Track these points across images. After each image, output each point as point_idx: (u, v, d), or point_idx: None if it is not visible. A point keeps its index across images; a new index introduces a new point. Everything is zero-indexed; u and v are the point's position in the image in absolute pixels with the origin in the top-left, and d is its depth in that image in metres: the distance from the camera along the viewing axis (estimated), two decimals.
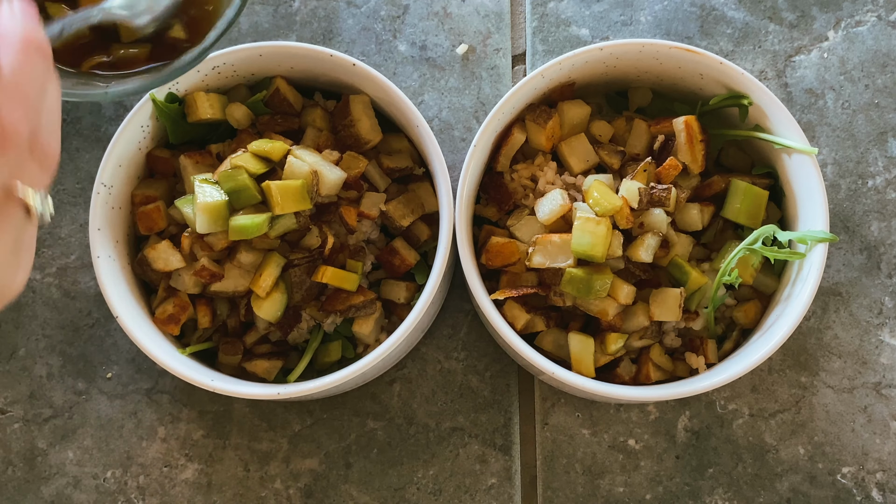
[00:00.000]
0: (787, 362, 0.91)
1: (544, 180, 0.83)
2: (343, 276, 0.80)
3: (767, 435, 0.90)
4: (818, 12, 0.96)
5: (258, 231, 0.76)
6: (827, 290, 0.92)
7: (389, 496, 0.90)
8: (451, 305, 0.93)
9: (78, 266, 0.93)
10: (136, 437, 0.91)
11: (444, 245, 0.79)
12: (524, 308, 0.81)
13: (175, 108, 0.83)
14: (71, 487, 0.91)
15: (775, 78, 0.95)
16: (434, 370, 0.92)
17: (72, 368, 0.92)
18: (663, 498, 0.90)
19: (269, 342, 0.85)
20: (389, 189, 0.85)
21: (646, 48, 0.81)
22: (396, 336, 0.78)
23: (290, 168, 0.77)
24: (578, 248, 0.76)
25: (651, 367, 0.82)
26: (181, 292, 0.82)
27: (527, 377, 0.92)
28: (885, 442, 0.90)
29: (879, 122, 0.94)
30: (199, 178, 0.77)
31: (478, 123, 0.94)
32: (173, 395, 0.92)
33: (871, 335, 0.91)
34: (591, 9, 0.96)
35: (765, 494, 0.90)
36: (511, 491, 0.90)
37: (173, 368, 0.78)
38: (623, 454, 0.90)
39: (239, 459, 0.91)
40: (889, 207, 0.93)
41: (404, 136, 0.87)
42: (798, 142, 0.80)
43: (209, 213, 0.76)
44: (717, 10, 0.96)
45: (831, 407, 0.91)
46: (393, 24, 0.96)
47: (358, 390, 0.91)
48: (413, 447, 0.91)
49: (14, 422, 0.91)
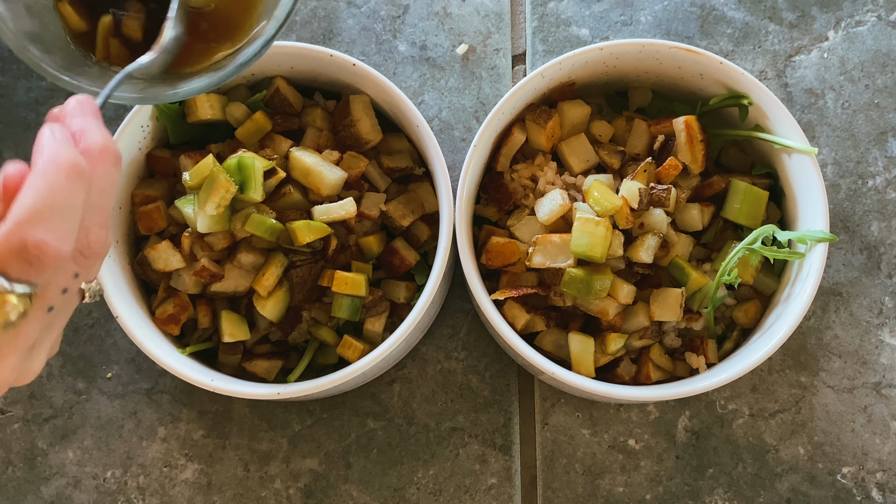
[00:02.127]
0: (787, 362, 0.91)
1: (544, 180, 0.83)
2: (352, 281, 0.80)
3: (767, 435, 0.90)
4: (818, 12, 0.96)
5: (272, 226, 0.77)
6: (827, 290, 0.92)
7: (389, 496, 0.90)
8: (451, 305, 0.93)
9: None
10: (136, 437, 0.91)
11: (444, 245, 0.79)
12: (524, 308, 0.81)
13: (175, 108, 0.83)
14: (71, 487, 0.91)
15: (775, 78, 0.95)
16: (434, 370, 0.92)
17: (72, 368, 0.92)
18: (663, 498, 0.90)
19: (270, 342, 0.85)
20: (389, 189, 0.85)
21: (646, 48, 0.81)
22: (396, 336, 0.78)
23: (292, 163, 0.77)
24: (578, 248, 0.76)
25: (651, 367, 0.82)
26: (181, 292, 0.82)
27: (527, 377, 0.92)
28: (885, 442, 0.90)
29: (879, 122, 0.94)
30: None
31: (478, 123, 0.94)
32: (173, 395, 0.92)
33: (871, 335, 0.91)
34: (591, 9, 0.96)
35: (765, 494, 0.90)
36: (511, 491, 0.90)
37: (173, 368, 0.78)
38: (623, 454, 0.90)
39: (239, 459, 0.91)
40: (889, 207, 0.93)
41: (404, 136, 0.87)
42: (798, 142, 0.80)
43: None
44: (717, 10, 0.96)
45: (831, 407, 0.91)
46: (393, 24, 0.96)
47: (358, 390, 0.91)
48: (413, 447, 0.91)
49: (14, 422, 0.91)
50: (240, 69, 0.68)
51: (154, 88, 0.69)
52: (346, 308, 0.81)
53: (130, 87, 0.69)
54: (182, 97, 0.69)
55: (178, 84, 0.69)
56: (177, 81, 0.70)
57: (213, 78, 0.68)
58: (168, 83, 0.71)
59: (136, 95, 0.68)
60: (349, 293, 0.80)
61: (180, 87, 0.68)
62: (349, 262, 0.82)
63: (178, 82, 0.70)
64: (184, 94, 0.68)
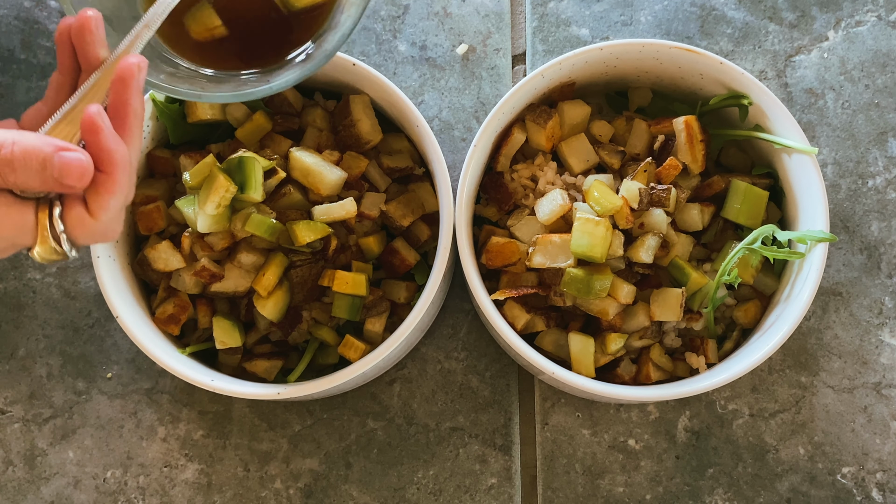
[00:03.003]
0: (787, 362, 0.91)
1: (544, 180, 0.83)
2: (352, 281, 0.80)
3: (767, 435, 0.90)
4: (818, 12, 0.96)
5: (272, 226, 0.77)
6: (827, 290, 0.92)
7: (389, 496, 0.90)
8: (451, 305, 0.93)
9: (78, 266, 0.93)
10: (136, 437, 0.91)
11: (444, 245, 0.79)
12: (524, 308, 0.81)
13: (175, 108, 0.83)
14: (71, 487, 0.91)
15: (775, 78, 0.95)
16: (434, 370, 0.92)
17: (72, 368, 0.92)
18: (663, 498, 0.90)
19: (270, 342, 0.85)
20: (389, 189, 0.85)
21: (646, 48, 0.81)
22: (396, 336, 0.78)
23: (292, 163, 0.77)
24: (578, 248, 0.76)
25: (651, 367, 0.82)
26: (181, 292, 0.83)
27: (527, 377, 0.92)
28: (885, 442, 0.90)
29: (879, 122, 0.94)
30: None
31: (478, 123, 0.94)
32: (173, 395, 0.92)
33: (871, 335, 0.91)
34: (591, 9, 0.96)
35: (765, 494, 0.90)
36: (511, 491, 0.90)
37: (173, 368, 0.78)
38: (623, 454, 0.90)
39: (239, 459, 0.91)
40: (889, 207, 0.93)
41: (404, 136, 0.87)
42: (798, 142, 0.80)
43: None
44: (717, 10, 0.96)
45: (831, 407, 0.91)
46: (393, 24, 0.96)
47: (358, 390, 0.91)
48: (413, 447, 0.91)
49: (14, 422, 0.91)
50: (327, 58, 0.70)
51: (249, 85, 0.71)
52: (347, 308, 0.81)
53: (226, 83, 0.71)
54: (275, 91, 0.70)
55: (268, 79, 0.71)
56: (265, 77, 0.72)
57: (304, 69, 0.70)
58: (261, 76, 0.72)
59: (229, 94, 0.70)
60: (350, 293, 0.80)
61: (274, 81, 0.70)
62: (349, 262, 0.82)
63: (266, 77, 0.72)
64: (278, 88, 0.70)
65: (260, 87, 0.70)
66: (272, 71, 0.73)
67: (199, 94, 0.69)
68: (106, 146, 0.59)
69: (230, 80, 0.73)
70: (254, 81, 0.72)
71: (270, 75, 0.72)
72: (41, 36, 0.96)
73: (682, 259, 0.81)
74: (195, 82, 0.71)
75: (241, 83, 0.72)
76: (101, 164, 0.59)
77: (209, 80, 0.73)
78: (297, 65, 0.72)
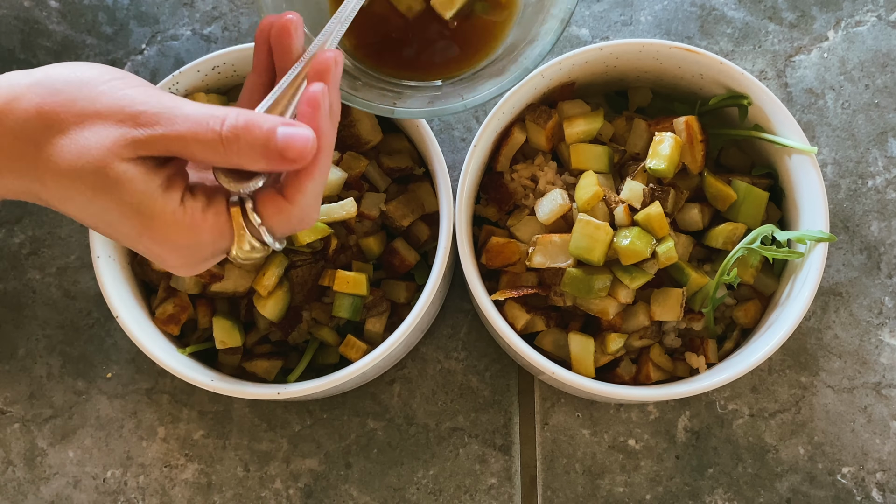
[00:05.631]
0: (787, 362, 0.91)
1: (544, 180, 0.83)
2: (353, 281, 0.80)
3: (767, 435, 0.90)
4: (818, 12, 0.96)
5: None
6: (827, 290, 0.92)
7: (389, 496, 0.90)
8: (451, 305, 0.93)
9: (78, 266, 0.93)
10: (136, 437, 0.91)
11: (444, 245, 0.79)
12: (524, 308, 0.81)
13: None
14: (71, 487, 0.91)
15: (775, 78, 0.95)
16: (434, 370, 0.92)
17: (72, 368, 0.92)
18: (663, 498, 0.90)
19: (270, 342, 0.85)
20: (389, 189, 0.85)
21: (646, 48, 0.81)
22: (396, 336, 0.78)
23: None
24: (576, 250, 0.76)
25: (651, 367, 0.82)
26: (181, 292, 0.83)
27: (527, 377, 0.92)
28: (885, 442, 0.90)
29: (879, 122, 0.94)
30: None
31: (478, 123, 0.94)
32: (173, 395, 0.92)
33: (871, 335, 0.91)
34: (591, 9, 0.96)
35: (765, 494, 0.90)
36: (511, 491, 0.90)
37: (173, 368, 0.78)
38: (623, 454, 0.90)
39: (239, 459, 0.91)
40: (889, 207, 0.93)
41: (404, 136, 0.87)
42: (798, 142, 0.80)
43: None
44: (717, 10, 0.96)
45: (831, 407, 0.91)
46: None
47: (358, 390, 0.92)
48: (413, 447, 0.91)
49: (14, 422, 0.91)
50: (525, 73, 0.70)
51: (444, 100, 0.71)
52: (348, 307, 0.81)
53: (420, 96, 0.71)
54: (470, 107, 0.70)
55: (464, 95, 0.70)
56: (457, 92, 0.72)
57: (501, 83, 0.70)
58: (457, 90, 0.72)
59: (423, 110, 0.70)
60: (351, 292, 0.80)
61: (468, 100, 0.69)
62: (349, 263, 0.82)
63: (463, 93, 0.71)
64: (473, 104, 0.69)
65: (455, 103, 0.69)
66: (458, 83, 0.72)
67: (392, 109, 0.69)
68: (319, 126, 0.58)
69: (416, 94, 0.72)
70: (443, 98, 0.71)
71: (463, 91, 0.71)
72: (41, 36, 0.96)
73: (681, 260, 0.81)
74: (384, 96, 0.71)
75: (430, 99, 0.71)
76: None
77: (390, 89, 0.73)
78: (493, 80, 0.71)
